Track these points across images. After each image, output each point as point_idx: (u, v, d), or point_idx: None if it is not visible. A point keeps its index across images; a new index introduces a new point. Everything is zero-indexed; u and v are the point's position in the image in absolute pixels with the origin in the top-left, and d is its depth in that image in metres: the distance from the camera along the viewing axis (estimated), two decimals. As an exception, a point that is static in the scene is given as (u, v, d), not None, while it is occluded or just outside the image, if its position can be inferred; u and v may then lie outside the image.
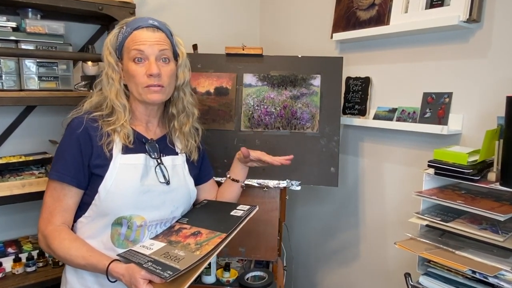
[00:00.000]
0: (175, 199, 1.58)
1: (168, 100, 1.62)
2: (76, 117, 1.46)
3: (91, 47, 2.29)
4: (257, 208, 1.55)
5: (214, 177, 1.85)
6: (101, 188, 1.42)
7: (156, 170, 1.54)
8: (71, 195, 1.44)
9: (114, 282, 1.37)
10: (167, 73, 1.49)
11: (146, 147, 1.53)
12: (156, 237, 1.51)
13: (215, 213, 1.64)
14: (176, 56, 1.56)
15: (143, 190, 1.47)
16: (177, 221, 1.61)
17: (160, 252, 1.38)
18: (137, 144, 1.51)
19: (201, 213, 1.67)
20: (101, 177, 1.42)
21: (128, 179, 1.45)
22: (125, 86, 1.52)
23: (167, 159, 1.58)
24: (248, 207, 1.57)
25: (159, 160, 1.55)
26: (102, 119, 1.46)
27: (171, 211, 1.57)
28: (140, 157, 1.50)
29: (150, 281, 1.27)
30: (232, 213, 1.55)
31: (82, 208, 1.48)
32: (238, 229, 1.44)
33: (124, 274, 1.31)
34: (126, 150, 1.47)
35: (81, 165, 1.42)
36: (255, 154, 1.71)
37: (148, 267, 1.28)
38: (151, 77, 1.44)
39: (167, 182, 1.55)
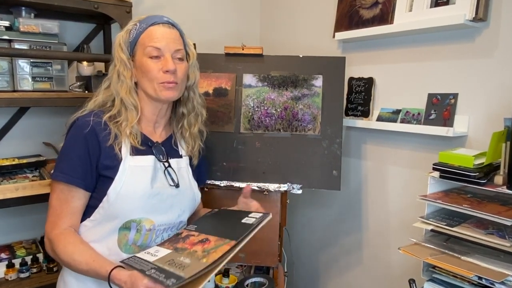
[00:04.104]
0: (182, 203, 1.57)
1: (178, 100, 1.60)
2: (81, 116, 1.43)
3: (86, 47, 2.28)
4: (270, 216, 1.49)
5: (214, 181, 1.82)
6: (111, 190, 1.39)
7: (165, 173, 1.53)
8: (79, 197, 1.41)
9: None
10: (182, 70, 1.49)
11: (153, 151, 1.52)
12: (162, 244, 1.47)
13: (225, 220, 1.60)
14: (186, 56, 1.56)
15: (153, 193, 1.45)
16: (184, 228, 1.57)
17: (165, 259, 1.34)
18: (144, 147, 1.49)
19: (210, 220, 1.63)
20: (110, 179, 1.40)
21: (138, 181, 1.43)
22: (135, 84, 1.51)
23: (172, 162, 1.57)
24: (260, 214, 1.51)
25: (166, 164, 1.54)
26: (109, 120, 1.44)
27: (178, 215, 1.56)
28: (150, 159, 1.49)
29: None
30: (243, 220, 1.50)
31: (86, 211, 1.45)
32: (249, 237, 1.39)
33: (127, 282, 1.26)
34: (135, 151, 1.45)
35: (89, 166, 1.39)
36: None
37: (151, 275, 1.24)
38: (168, 73, 1.43)
39: (177, 185, 1.54)
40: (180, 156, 1.63)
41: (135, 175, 1.43)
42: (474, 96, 1.82)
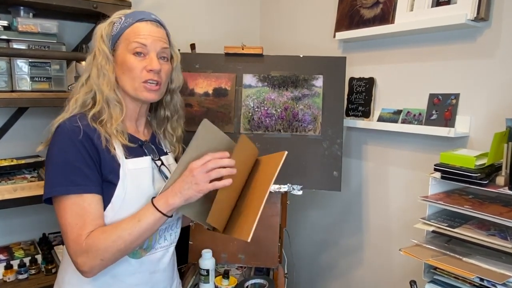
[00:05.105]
0: None
1: (159, 102, 1.57)
2: (68, 122, 1.34)
3: (85, 47, 2.26)
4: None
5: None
6: (115, 198, 1.33)
7: (161, 171, 1.49)
8: (97, 202, 1.31)
9: (171, 217, 1.33)
10: (166, 71, 1.44)
11: (145, 150, 1.47)
12: None
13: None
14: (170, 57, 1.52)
15: (155, 193, 1.40)
16: None
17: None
18: (135, 147, 1.44)
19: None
20: (113, 185, 1.34)
21: (141, 185, 1.39)
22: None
23: (163, 160, 1.54)
24: None
25: (158, 162, 1.50)
26: (93, 120, 1.36)
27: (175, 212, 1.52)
28: (147, 160, 1.44)
29: None
30: None
31: None
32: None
33: (183, 176, 1.29)
34: (129, 153, 1.40)
35: (97, 172, 1.32)
36: None
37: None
38: (151, 72, 1.38)
39: None
40: (166, 153, 1.59)
41: (137, 179, 1.38)
42: (476, 97, 1.81)
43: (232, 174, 1.32)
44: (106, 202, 1.33)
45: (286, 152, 1.44)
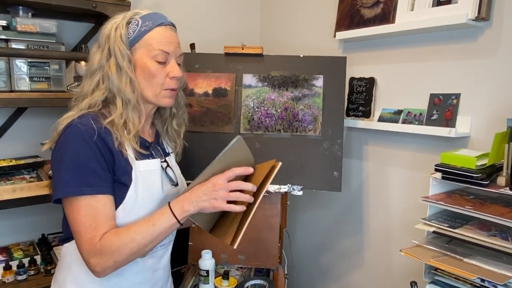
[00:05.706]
0: None
1: None
2: (80, 121, 1.30)
3: (84, 47, 2.25)
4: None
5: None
6: (128, 199, 1.33)
7: (166, 173, 1.50)
8: (110, 202, 1.31)
9: (182, 225, 1.32)
10: (183, 76, 1.46)
11: (152, 151, 1.47)
12: None
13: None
14: None
15: (163, 196, 1.42)
16: None
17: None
18: (144, 148, 1.43)
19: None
20: (125, 187, 1.33)
21: (152, 187, 1.40)
22: None
23: (167, 161, 1.54)
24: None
25: (164, 164, 1.50)
26: (110, 125, 1.33)
27: None
28: (156, 162, 1.45)
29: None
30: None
31: None
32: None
33: (209, 183, 1.30)
34: (139, 155, 1.39)
35: (109, 172, 1.31)
36: None
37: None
38: (174, 79, 1.39)
39: (176, 184, 1.52)
40: (169, 154, 1.60)
41: (148, 181, 1.38)
42: (477, 97, 1.81)
43: (250, 201, 1.32)
44: (117, 203, 1.33)
45: (280, 164, 1.44)
